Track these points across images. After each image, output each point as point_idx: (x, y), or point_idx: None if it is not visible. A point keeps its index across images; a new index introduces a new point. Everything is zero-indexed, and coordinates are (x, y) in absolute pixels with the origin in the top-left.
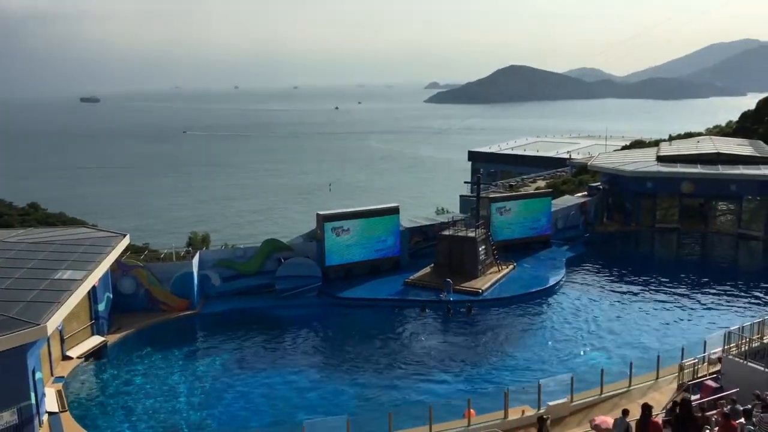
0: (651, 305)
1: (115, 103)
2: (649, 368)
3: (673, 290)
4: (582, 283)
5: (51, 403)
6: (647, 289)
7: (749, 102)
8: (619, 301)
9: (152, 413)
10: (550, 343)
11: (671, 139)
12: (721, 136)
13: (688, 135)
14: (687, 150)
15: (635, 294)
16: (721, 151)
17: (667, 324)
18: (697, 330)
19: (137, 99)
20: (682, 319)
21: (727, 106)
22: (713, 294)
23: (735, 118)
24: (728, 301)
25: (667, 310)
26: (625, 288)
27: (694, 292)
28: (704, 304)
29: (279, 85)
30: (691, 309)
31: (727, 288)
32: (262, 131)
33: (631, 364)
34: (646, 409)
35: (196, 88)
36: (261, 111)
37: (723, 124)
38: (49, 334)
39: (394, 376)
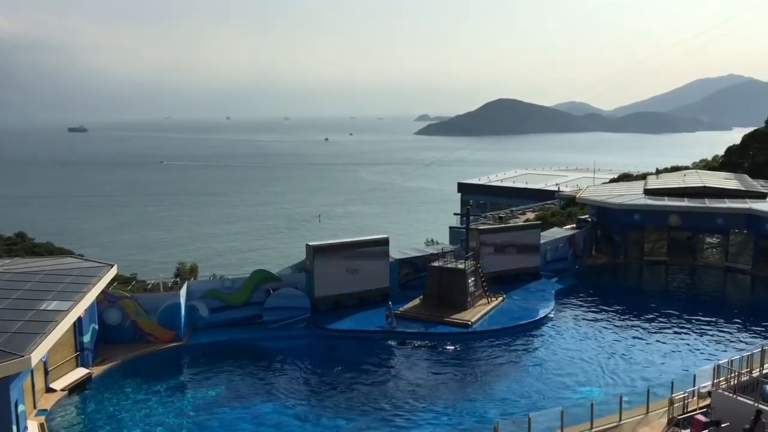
0: (640, 338)
1: (102, 133)
2: (638, 402)
3: (661, 323)
4: (571, 316)
5: None
6: (636, 322)
7: (735, 136)
8: (608, 334)
9: None
10: (539, 376)
11: (658, 172)
12: (708, 170)
13: (675, 169)
14: (674, 183)
15: (624, 327)
16: (707, 185)
17: (657, 357)
18: (686, 363)
19: (127, 129)
20: (671, 353)
21: (713, 140)
22: (702, 327)
23: (721, 152)
24: (717, 335)
25: (656, 343)
26: (614, 321)
27: (682, 326)
28: (693, 338)
29: (270, 116)
30: (680, 342)
31: (716, 321)
32: (253, 162)
33: (620, 397)
34: None
35: (187, 118)
36: (252, 141)
37: (709, 158)
38: (33, 366)
39: (382, 411)
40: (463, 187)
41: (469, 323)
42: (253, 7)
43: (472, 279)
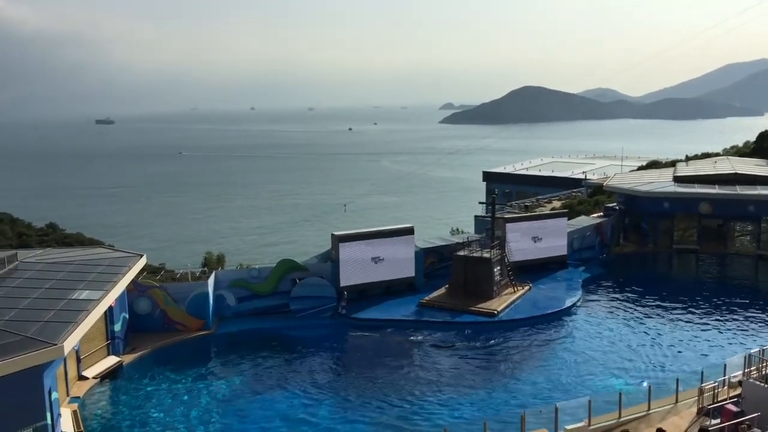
0: (669, 327)
1: (129, 125)
2: (667, 392)
3: (691, 312)
4: (599, 305)
5: (66, 423)
6: (665, 311)
7: (766, 122)
8: (636, 323)
9: None
10: (566, 365)
11: (688, 159)
12: (739, 156)
13: (705, 155)
14: (704, 170)
15: (653, 316)
16: (738, 172)
17: (686, 346)
18: (716, 353)
19: (153, 120)
20: (701, 342)
21: (744, 126)
22: (733, 316)
23: (752, 138)
24: (748, 324)
25: (686, 332)
26: (642, 310)
27: (713, 314)
28: (724, 327)
29: (295, 106)
30: (711, 331)
31: (747, 310)
32: (278, 152)
33: (649, 387)
34: None
35: (213, 109)
36: (276, 132)
37: (740, 144)
38: (65, 354)
39: (408, 401)
40: (488, 176)
41: (495, 312)
42: None
43: (498, 268)
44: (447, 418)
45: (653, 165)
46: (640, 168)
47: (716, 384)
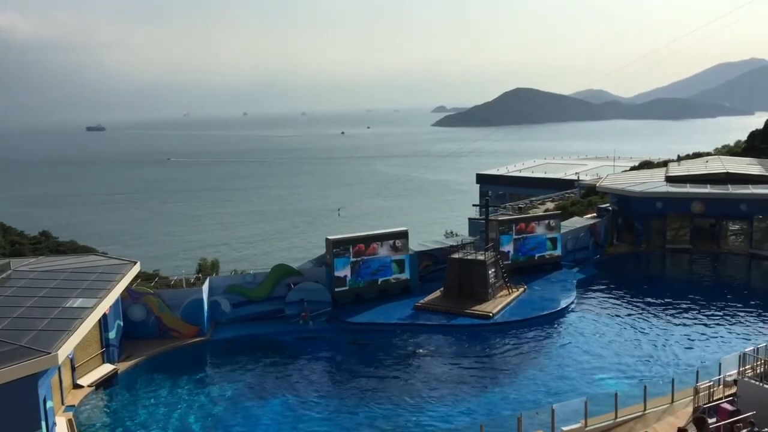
0: (663, 327)
1: (120, 132)
2: (663, 391)
3: (685, 311)
4: (593, 305)
5: None
6: (659, 310)
7: (757, 121)
8: (631, 323)
9: None
10: (562, 366)
11: (680, 159)
12: (730, 155)
13: (697, 155)
14: (696, 170)
15: (647, 316)
16: (730, 171)
17: (681, 346)
18: (711, 352)
19: (144, 127)
20: (695, 341)
21: (735, 125)
22: (727, 315)
23: (743, 137)
24: (742, 322)
25: (680, 331)
26: (636, 310)
27: (707, 313)
28: (718, 326)
29: (287, 111)
30: (705, 330)
31: (741, 309)
32: (270, 157)
33: (645, 387)
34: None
35: (205, 115)
36: (269, 137)
37: (731, 143)
38: (60, 363)
39: (404, 404)
40: (481, 178)
41: (490, 314)
42: (269, 4)
43: (493, 270)
44: (443, 422)
45: (645, 165)
46: (633, 168)
47: (711, 383)
